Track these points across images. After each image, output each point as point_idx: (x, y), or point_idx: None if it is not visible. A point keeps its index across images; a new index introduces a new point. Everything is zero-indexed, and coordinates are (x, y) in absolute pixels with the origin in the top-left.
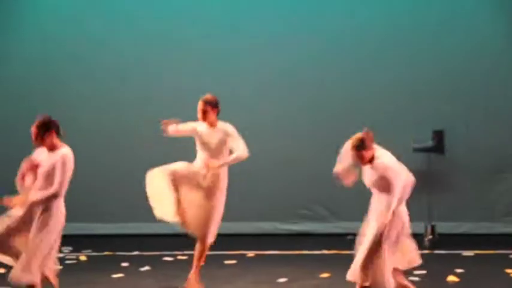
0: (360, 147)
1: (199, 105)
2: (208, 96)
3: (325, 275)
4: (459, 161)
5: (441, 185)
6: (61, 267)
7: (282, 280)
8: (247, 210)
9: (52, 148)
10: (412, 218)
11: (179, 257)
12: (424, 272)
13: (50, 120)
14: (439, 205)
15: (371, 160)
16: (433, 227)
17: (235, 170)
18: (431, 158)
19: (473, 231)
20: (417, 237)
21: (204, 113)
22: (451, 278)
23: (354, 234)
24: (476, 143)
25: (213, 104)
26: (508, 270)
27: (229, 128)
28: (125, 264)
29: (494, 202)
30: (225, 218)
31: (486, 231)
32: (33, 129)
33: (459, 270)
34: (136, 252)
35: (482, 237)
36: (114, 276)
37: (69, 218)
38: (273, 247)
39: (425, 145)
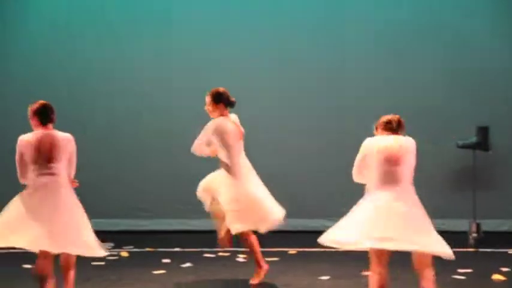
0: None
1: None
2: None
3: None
4: (504, 157)
5: (486, 182)
6: (103, 263)
7: (324, 278)
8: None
9: None
10: (457, 215)
11: (220, 254)
12: (469, 270)
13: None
14: (484, 202)
15: None
16: (478, 225)
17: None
18: (476, 154)
19: None
20: (462, 235)
21: (208, 107)
22: (497, 277)
23: None
24: None
25: (213, 98)
26: None
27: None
28: (166, 260)
29: None
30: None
31: None
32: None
33: (505, 269)
34: (177, 249)
35: None
36: (156, 272)
37: (111, 215)
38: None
39: (470, 142)
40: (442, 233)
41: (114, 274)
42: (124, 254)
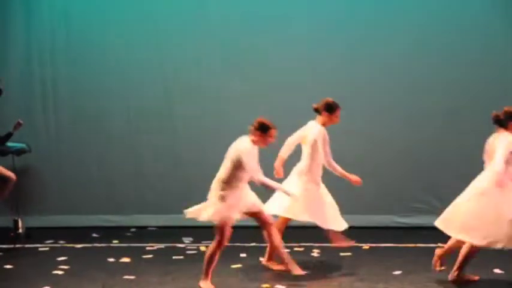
0: None
1: None
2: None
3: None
4: None
5: None
6: (182, 257)
7: (396, 272)
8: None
9: None
10: None
11: (296, 249)
12: None
13: None
14: None
15: None
16: None
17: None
18: None
19: None
20: None
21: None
22: None
23: None
24: None
25: (323, 108)
26: None
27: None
28: (243, 255)
29: None
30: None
31: None
32: None
33: None
34: (253, 244)
35: None
36: (233, 266)
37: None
38: (387, 240)
39: None
40: None
41: (194, 268)
42: (203, 248)
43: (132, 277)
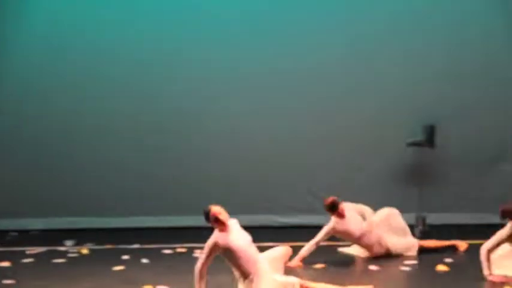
0: None
1: None
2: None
3: (319, 265)
4: (449, 154)
5: (432, 178)
6: (64, 260)
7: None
8: None
9: None
10: (404, 209)
11: (178, 250)
12: (415, 262)
13: None
14: (430, 197)
15: None
16: (424, 218)
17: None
18: (423, 151)
19: (464, 222)
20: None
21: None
22: (441, 267)
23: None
24: (466, 137)
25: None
26: None
27: None
28: (125, 257)
29: (484, 194)
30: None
31: (477, 222)
32: None
33: (448, 260)
34: (136, 246)
35: (472, 228)
36: (115, 268)
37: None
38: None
39: (417, 139)
40: None
41: (73, 271)
42: (84, 251)
43: (11, 281)
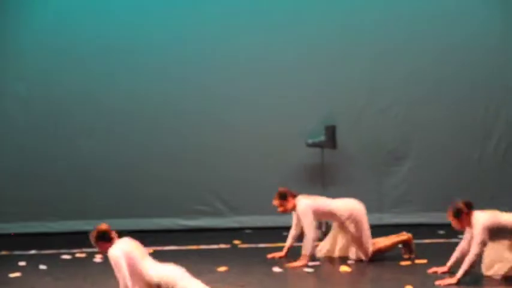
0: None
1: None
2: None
3: (222, 268)
4: (350, 155)
5: (333, 178)
6: None
7: None
8: None
9: None
10: None
11: (78, 255)
12: (317, 263)
13: None
14: (332, 197)
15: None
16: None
17: None
18: (324, 152)
19: None
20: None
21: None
22: (344, 268)
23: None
24: (366, 137)
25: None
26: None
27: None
28: (22, 263)
29: (383, 194)
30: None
31: (376, 222)
32: None
33: (351, 261)
34: (33, 251)
35: (372, 228)
36: (12, 275)
37: None
38: (170, 242)
39: (318, 140)
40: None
41: None
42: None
43: None
